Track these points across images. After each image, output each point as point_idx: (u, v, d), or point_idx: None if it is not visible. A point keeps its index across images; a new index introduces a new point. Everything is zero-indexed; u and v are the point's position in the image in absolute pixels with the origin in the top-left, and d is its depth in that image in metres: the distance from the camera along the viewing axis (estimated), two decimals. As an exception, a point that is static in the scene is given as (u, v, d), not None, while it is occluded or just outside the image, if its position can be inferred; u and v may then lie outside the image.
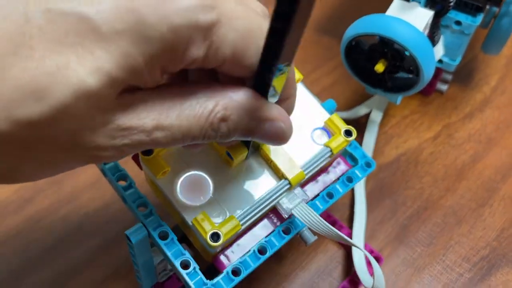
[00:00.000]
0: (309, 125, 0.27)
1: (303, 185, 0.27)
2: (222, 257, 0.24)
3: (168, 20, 0.16)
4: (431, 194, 0.38)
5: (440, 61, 0.40)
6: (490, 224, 0.37)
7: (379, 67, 0.33)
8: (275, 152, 0.25)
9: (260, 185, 0.25)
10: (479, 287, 0.32)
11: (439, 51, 0.39)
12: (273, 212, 0.26)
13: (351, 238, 0.34)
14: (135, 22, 0.16)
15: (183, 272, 0.23)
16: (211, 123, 0.18)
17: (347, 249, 0.34)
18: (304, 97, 0.28)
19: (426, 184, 0.39)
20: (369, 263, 0.32)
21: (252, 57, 0.18)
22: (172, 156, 0.24)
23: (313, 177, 0.27)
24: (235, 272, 0.24)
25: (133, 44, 0.16)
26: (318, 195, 0.27)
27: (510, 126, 0.43)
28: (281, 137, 0.20)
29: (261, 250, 0.25)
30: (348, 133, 0.26)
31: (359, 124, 0.42)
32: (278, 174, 0.25)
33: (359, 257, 0.32)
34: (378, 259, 0.33)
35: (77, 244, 0.34)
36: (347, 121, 0.38)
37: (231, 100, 0.18)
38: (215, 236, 0.22)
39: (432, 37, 0.37)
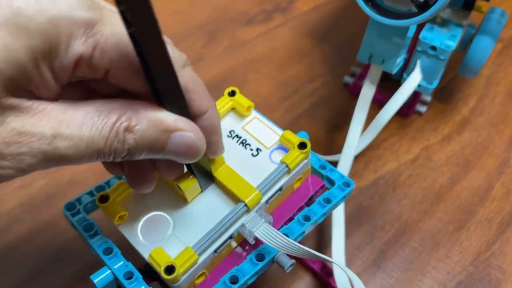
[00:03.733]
0: (267, 147, 0.28)
1: (274, 206, 0.27)
2: None
3: (47, 12, 0.16)
4: (409, 218, 0.39)
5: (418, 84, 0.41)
6: (466, 248, 0.37)
7: None
8: (229, 178, 0.25)
9: (218, 213, 0.25)
10: (455, 313, 0.33)
11: (416, 76, 0.39)
12: (246, 241, 0.26)
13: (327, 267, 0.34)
14: (13, 14, 0.16)
15: None
16: (117, 133, 0.18)
17: (324, 276, 0.34)
18: (257, 122, 0.28)
19: (404, 207, 0.39)
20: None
21: (139, 64, 0.18)
22: (130, 201, 0.25)
23: (284, 198, 0.27)
24: None
25: (12, 35, 0.16)
26: (292, 218, 0.27)
27: (487, 148, 0.44)
28: (193, 149, 0.20)
29: (232, 280, 0.24)
30: (302, 146, 0.26)
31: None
32: (235, 199, 0.25)
33: (341, 279, 0.32)
34: None
35: (53, 273, 0.34)
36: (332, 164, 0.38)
37: (136, 112, 0.19)
38: (170, 269, 0.22)
39: None
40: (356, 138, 0.37)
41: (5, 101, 0.16)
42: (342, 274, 0.32)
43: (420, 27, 0.39)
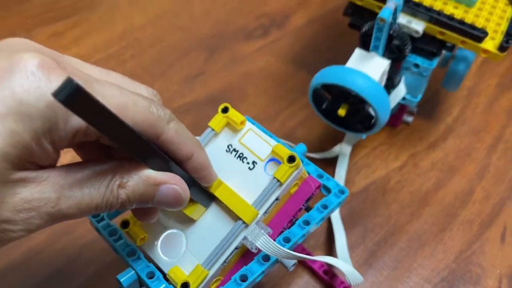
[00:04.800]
0: (261, 159, 0.29)
1: (275, 211, 0.29)
2: None
3: (45, 98, 0.19)
4: (398, 220, 0.42)
5: (403, 98, 0.44)
6: (450, 247, 0.40)
7: (342, 111, 0.38)
8: (228, 197, 0.28)
9: (223, 227, 0.28)
10: (439, 306, 0.36)
11: (401, 90, 0.43)
12: None
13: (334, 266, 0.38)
14: (16, 103, 0.18)
15: None
16: (111, 190, 0.21)
17: (321, 274, 0.38)
18: (252, 134, 0.30)
19: (393, 211, 0.43)
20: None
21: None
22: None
23: (283, 203, 0.29)
24: None
25: (17, 122, 0.18)
26: (293, 222, 0.30)
27: (470, 155, 0.48)
28: (178, 198, 0.24)
29: (242, 278, 0.27)
30: (291, 159, 0.27)
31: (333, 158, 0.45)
32: (234, 216, 0.28)
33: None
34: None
35: (75, 274, 0.37)
36: (325, 160, 0.41)
37: (128, 170, 0.22)
38: (185, 286, 0.26)
39: (392, 80, 0.41)
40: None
41: (14, 176, 0.19)
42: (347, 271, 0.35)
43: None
